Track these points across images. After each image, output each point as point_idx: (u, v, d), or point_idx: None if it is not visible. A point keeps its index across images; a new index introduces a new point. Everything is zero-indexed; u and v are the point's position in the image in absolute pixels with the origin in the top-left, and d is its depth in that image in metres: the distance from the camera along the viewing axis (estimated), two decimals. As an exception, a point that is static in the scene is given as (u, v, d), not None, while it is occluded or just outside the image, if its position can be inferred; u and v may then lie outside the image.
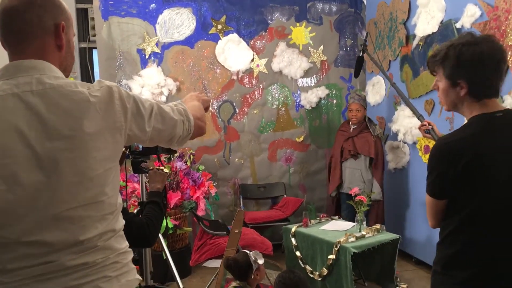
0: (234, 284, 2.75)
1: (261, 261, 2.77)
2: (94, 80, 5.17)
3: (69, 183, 1.14)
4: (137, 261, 4.71)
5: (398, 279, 3.84)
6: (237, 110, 5.08)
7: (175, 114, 1.37)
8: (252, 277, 2.73)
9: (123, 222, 1.30)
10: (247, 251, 2.81)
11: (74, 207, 1.15)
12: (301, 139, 5.24)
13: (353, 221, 4.10)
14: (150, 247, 2.26)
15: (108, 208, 1.22)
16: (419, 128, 2.56)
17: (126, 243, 1.31)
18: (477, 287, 1.56)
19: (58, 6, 1.26)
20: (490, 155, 1.53)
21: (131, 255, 1.32)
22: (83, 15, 5.17)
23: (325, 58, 5.24)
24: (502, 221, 1.53)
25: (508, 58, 3.20)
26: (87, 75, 5.22)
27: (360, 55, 4.06)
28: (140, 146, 2.28)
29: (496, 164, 1.53)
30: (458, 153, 1.54)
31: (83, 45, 5.19)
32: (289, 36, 5.15)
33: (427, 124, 2.52)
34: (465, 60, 1.57)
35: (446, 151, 1.58)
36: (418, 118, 2.82)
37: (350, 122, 4.65)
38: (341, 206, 4.66)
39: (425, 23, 4.00)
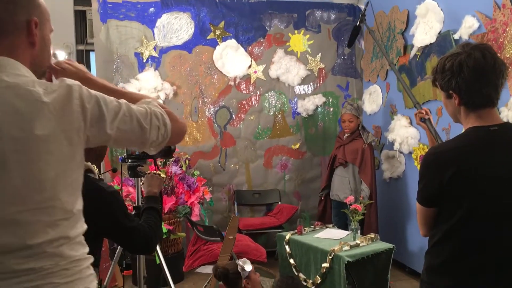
0: None
1: (248, 268, 2.76)
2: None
3: (17, 186, 1.08)
4: (130, 266, 4.67)
5: (392, 289, 3.83)
6: (233, 116, 5.07)
7: (148, 117, 1.29)
8: (243, 285, 2.72)
9: (83, 228, 1.23)
10: (237, 260, 2.82)
11: (21, 210, 1.09)
12: (297, 146, 5.24)
13: (343, 228, 4.09)
14: (150, 254, 2.24)
15: (61, 214, 1.15)
16: (415, 115, 2.46)
17: (85, 250, 1.24)
18: None
19: (31, 1, 1.20)
20: (477, 169, 1.53)
21: (88, 262, 1.25)
22: (81, 17, 5.15)
23: (322, 66, 5.24)
24: (486, 234, 1.54)
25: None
26: (83, 78, 5.19)
27: (357, 24, 4.00)
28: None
29: (483, 178, 1.53)
30: (444, 163, 1.55)
31: (81, 47, 5.16)
32: (287, 43, 5.15)
33: (424, 113, 2.41)
34: (447, 70, 1.60)
35: (433, 161, 1.60)
36: (415, 106, 2.82)
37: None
38: (332, 212, 4.67)
39: (423, 33, 4.02)
